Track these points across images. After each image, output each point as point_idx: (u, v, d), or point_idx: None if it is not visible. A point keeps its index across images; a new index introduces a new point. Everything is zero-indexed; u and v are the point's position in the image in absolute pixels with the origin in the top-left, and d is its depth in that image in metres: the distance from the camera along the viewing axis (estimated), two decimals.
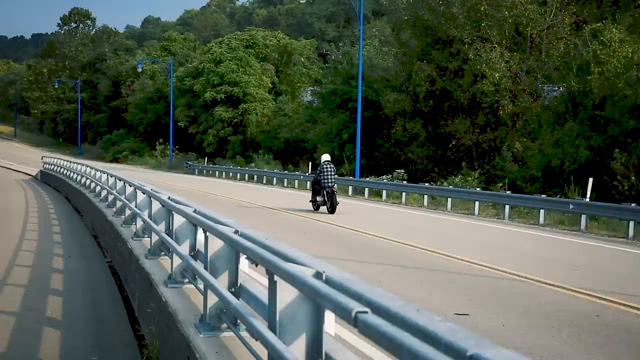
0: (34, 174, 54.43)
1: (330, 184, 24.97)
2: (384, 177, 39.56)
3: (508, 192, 27.91)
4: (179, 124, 74.68)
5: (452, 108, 40.33)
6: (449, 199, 29.54)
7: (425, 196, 31.13)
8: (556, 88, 35.90)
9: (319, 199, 25.38)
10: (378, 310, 3.51)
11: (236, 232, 6.55)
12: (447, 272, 13.17)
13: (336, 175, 25.97)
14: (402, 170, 40.17)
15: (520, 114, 36.14)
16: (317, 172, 25.59)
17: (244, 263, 7.01)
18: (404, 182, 36.06)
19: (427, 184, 33.56)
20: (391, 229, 20.66)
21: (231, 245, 6.56)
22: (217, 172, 57.46)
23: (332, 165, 25.62)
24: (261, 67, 72.58)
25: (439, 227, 22.88)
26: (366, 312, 3.46)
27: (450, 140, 39.43)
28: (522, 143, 33.62)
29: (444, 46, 40.10)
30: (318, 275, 4.52)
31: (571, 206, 23.01)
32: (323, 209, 25.29)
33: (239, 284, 6.76)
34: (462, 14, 38.08)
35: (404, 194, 32.98)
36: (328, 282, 4.40)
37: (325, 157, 26.11)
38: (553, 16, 36.57)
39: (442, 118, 41.08)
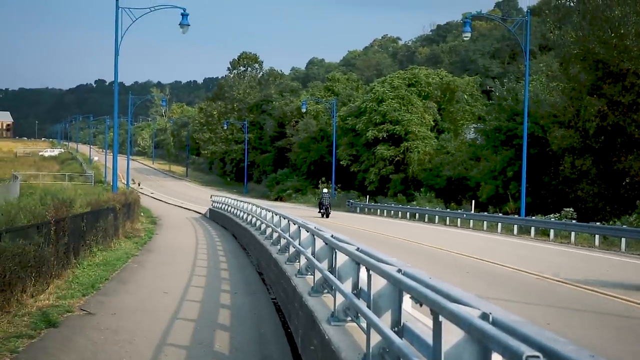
0: (203, 212, 56.72)
1: (326, 204, 46.15)
2: (551, 215, 38.18)
3: None
4: (341, 162, 75.74)
5: (626, 144, 38.45)
6: (623, 239, 28.05)
7: (597, 236, 29.74)
8: None
9: (321, 210, 46.15)
10: (549, 354, 3.33)
11: (399, 270, 6.47)
12: (622, 317, 12.42)
13: (330, 199, 47.97)
14: (571, 209, 38.59)
15: None
16: (320, 197, 48.64)
17: (406, 302, 6.90)
18: (573, 221, 34.67)
19: (598, 223, 32.10)
20: (560, 269, 19.81)
21: (394, 284, 6.48)
22: (378, 210, 57.62)
23: (328, 193, 48.96)
24: (423, 105, 72.50)
25: (619, 270, 21.61)
26: (537, 357, 3.29)
27: (624, 178, 37.57)
28: None
29: (617, 80, 38.41)
30: (484, 316, 4.37)
31: None
32: None
33: (402, 324, 6.65)
34: (636, 46, 36.41)
35: (573, 233, 31.69)
36: (495, 323, 4.24)
37: (325, 190, 52.02)
38: None
39: (614, 154, 39.23)
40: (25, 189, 59.12)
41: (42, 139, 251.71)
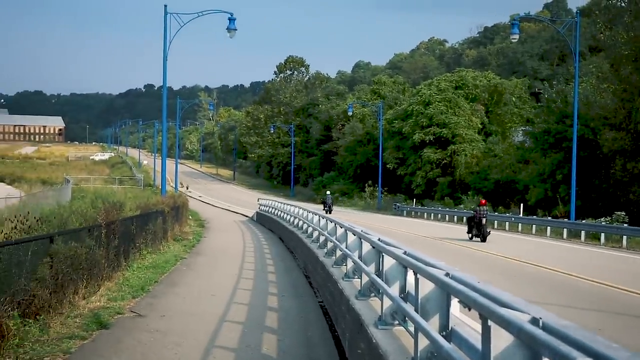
0: (250, 215, 57.06)
1: (329, 203, 57.06)
2: (601, 219, 37.55)
3: None
4: (387, 165, 75.60)
5: None
6: None
7: None
8: None
9: (325, 208, 54.36)
10: None
11: (447, 274, 6.44)
12: None
13: (332, 200, 59.42)
14: (623, 213, 37.90)
15: None
16: (324, 198, 59.62)
17: (454, 306, 6.87)
18: (625, 224, 34.07)
19: None
20: (614, 274, 19.48)
21: (442, 288, 6.46)
22: (425, 214, 57.34)
23: (330, 196, 60.06)
24: (471, 107, 72.00)
25: None
26: None
27: None
28: None
29: None
30: (534, 321, 4.33)
31: None
32: None
33: (450, 328, 6.62)
34: None
35: (624, 237, 31.14)
36: (545, 328, 4.20)
37: (328, 192, 61.74)
38: None
39: None
40: (76, 192, 60.14)
41: (93, 143, 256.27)
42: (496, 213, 49.12)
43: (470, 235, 31.56)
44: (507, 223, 42.90)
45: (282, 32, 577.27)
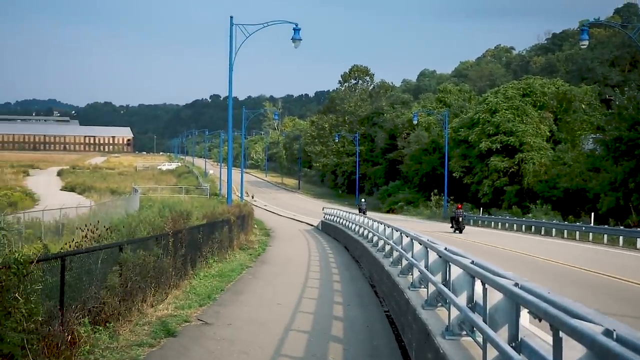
0: (315, 224, 57.19)
1: (363, 209, 60.84)
2: None
3: None
4: (453, 174, 74.98)
5: None
6: None
7: None
8: None
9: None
10: None
11: (516, 284, 6.32)
12: None
13: (365, 205, 65.60)
14: None
15: None
16: (359, 204, 66.66)
17: (523, 317, 6.74)
18: None
19: None
20: None
21: (511, 298, 6.34)
22: (492, 223, 56.59)
23: (365, 201, 68.35)
24: (539, 115, 70.90)
25: None
26: None
27: None
28: None
29: None
30: (608, 333, 4.21)
31: None
32: None
33: (519, 339, 6.49)
34: None
35: None
36: (619, 340, 4.07)
37: (363, 199, 71.04)
38: None
39: None
40: (144, 201, 61.26)
41: (160, 153, 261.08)
42: (566, 222, 48.18)
43: (452, 229, 44.90)
44: (577, 232, 42.00)
45: (347, 41, 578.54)
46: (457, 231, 44.06)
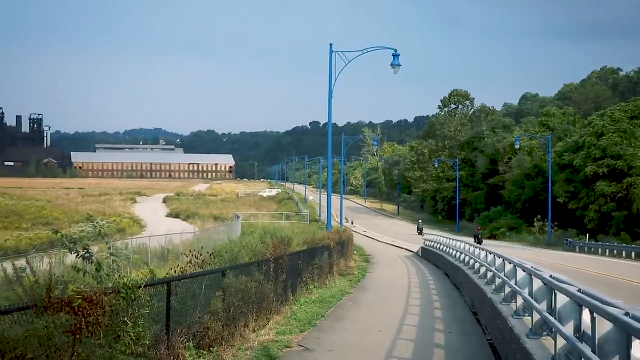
0: (415, 250, 56.69)
1: (420, 227, 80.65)
2: None
3: None
4: (557, 199, 73.05)
5: None
6: None
7: None
8: None
9: (418, 232, 69.37)
10: None
11: (627, 314, 6.09)
12: None
13: (422, 225, 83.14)
14: None
15: None
16: (418, 224, 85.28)
17: (636, 347, 6.47)
18: None
19: None
20: None
21: (622, 328, 6.11)
22: (599, 250, 54.74)
23: (422, 222, 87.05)
24: None
25: None
26: None
27: None
28: None
29: None
30: None
31: None
32: None
33: None
34: None
35: None
36: None
37: (420, 220, 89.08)
38: None
39: None
40: (246, 227, 62.17)
41: (261, 179, 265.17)
42: None
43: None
44: None
45: (446, 66, 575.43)
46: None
